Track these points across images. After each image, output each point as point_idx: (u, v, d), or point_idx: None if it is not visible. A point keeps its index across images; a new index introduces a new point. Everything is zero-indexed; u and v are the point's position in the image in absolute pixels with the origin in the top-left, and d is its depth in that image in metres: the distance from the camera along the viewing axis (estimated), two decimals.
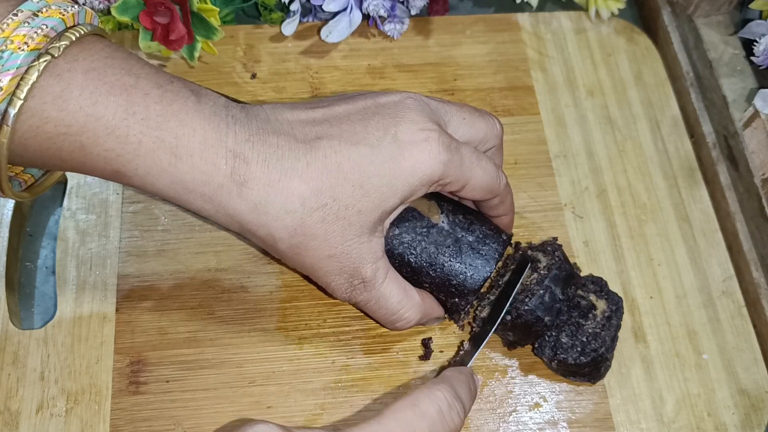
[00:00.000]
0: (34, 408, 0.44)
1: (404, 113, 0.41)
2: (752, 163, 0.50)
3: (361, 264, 0.41)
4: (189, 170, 0.37)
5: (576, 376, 0.45)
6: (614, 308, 0.46)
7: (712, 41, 0.56)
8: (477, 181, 0.42)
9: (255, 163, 0.38)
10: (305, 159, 0.38)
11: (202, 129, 0.37)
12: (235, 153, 0.37)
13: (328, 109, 0.41)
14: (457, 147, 0.41)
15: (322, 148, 0.39)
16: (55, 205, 0.52)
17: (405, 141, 0.40)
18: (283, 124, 0.39)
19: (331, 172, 0.38)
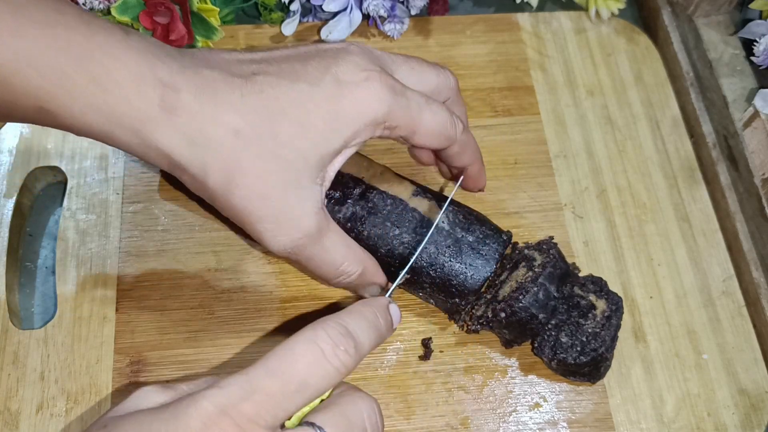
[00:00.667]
0: (34, 408, 0.44)
1: (345, 56, 0.39)
2: (752, 163, 0.50)
3: (303, 214, 0.38)
4: (116, 102, 0.35)
5: (576, 375, 0.45)
6: (614, 308, 0.46)
7: (712, 41, 0.56)
8: (427, 126, 0.40)
9: (186, 92, 0.36)
10: (240, 91, 0.36)
11: (130, 60, 0.35)
12: (165, 82, 0.35)
13: (267, 53, 0.39)
14: (403, 90, 0.39)
15: (259, 82, 0.37)
16: (55, 205, 0.53)
17: (346, 80, 0.38)
18: (219, 61, 0.38)
19: (268, 107, 0.37)
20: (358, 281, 0.43)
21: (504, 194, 0.52)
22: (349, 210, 0.45)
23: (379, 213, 0.45)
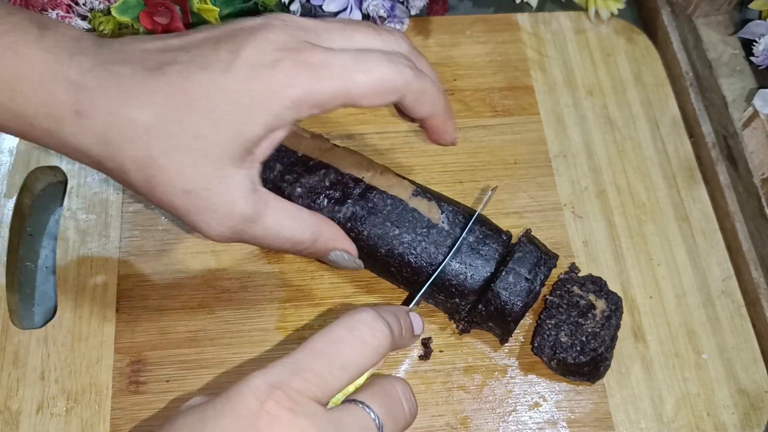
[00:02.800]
0: (35, 407, 0.44)
1: (258, 35, 0.36)
2: (751, 163, 0.50)
3: (232, 200, 0.37)
4: (28, 104, 0.35)
5: (575, 375, 0.45)
6: (613, 308, 0.46)
7: (711, 41, 0.56)
8: (361, 88, 0.37)
9: (95, 92, 0.35)
10: (148, 85, 0.35)
11: (41, 60, 0.35)
12: (75, 83, 0.35)
13: (187, 36, 0.38)
14: (324, 60, 0.36)
15: (168, 74, 0.35)
16: (56, 205, 0.53)
17: (256, 63, 0.36)
18: (135, 53, 0.36)
19: (176, 99, 0.35)
20: (317, 248, 0.41)
21: (504, 194, 0.52)
22: (349, 210, 0.45)
23: (379, 213, 0.45)
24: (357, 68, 0.37)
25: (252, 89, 0.35)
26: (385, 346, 0.36)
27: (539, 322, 0.46)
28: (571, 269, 0.49)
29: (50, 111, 0.35)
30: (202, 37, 0.37)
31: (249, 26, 0.37)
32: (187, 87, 0.35)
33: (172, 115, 0.35)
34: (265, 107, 0.36)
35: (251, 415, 0.32)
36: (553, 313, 0.46)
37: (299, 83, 0.36)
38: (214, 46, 0.36)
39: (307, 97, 0.36)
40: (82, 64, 0.35)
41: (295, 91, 0.36)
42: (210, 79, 0.35)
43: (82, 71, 0.35)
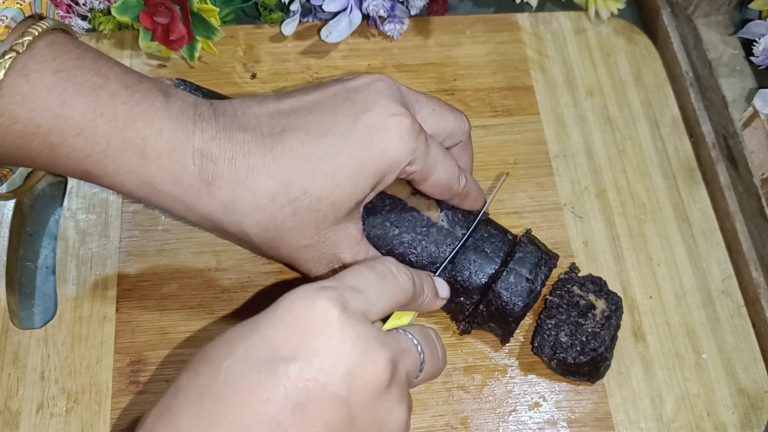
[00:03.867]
0: (35, 407, 0.44)
1: (374, 98, 0.40)
2: (751, 163, 0.50)
3: (340, 250, 0.41)
4: (157, 171, 0.37)
5: (575, 375, 0.45)
6: (613, 308, 0.46)
7: (711, 41, 0.56)
8: (438, 177, 0.42)
9: (222, 161, 0.37)
10: (272, 153, 0.38)
11: (170, 129, 0.37)
12: (202, 152, 0.37)
13: (296, 99, 0.40)
14: (425, 137, 0.40)
15: (289, 140, 0.38)
16: (56, 205, 0.53)
17: (375, 127, 0.39)
18: (250, 119, 0.39)
19: (299, 165, 0.38)
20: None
21: (504, 194, 0.52)
22: None
23: (378, 213, 0.45)
24: (443, 161, 0.42)
25: (369, 152, 0.39)
26: (409, 288, 0.37)
27: (539, 322, 0.46)
28: (571, 269, 0.49)
29: (177, 178, 0.37)
30: (314, 100, 0.40)
31: (358, 86, 0.40)
32: (308, 153, 0.38)
33: (295, 181, 0.38)
34: (376, 168, 0.39)
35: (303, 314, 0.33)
36: (553, 313, 0.46)
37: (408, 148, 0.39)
38: (331, 111, 0.39)
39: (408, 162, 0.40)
40: (205, 132, 0.37)
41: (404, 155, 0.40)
42: (331, 145, 0.38)
43: (206, 139, 0.37)
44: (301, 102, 0.40)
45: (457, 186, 0.43)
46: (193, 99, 0.39)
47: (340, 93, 0.40)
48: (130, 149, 0.36)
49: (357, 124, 0.39)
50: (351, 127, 0.39)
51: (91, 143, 0.36)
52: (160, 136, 0.36)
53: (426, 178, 0.42)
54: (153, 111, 0.37)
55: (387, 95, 0.40)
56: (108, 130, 0.36)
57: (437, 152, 0.41)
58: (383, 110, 0.39)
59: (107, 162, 0.36)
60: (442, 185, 0.43)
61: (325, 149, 0.38)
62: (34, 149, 0.36)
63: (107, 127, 0.36)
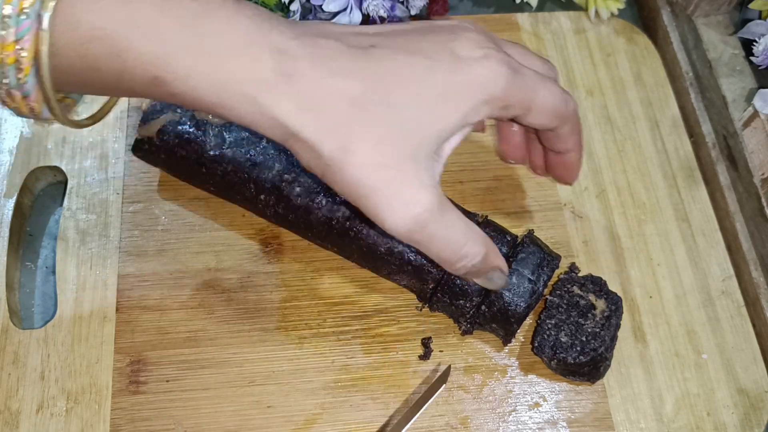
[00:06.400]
0: (34, 407, 0.44)
1: (461, 32, 0.38)
2: (751, 163, 0.50)
3: (422, 185, 0.35)
4: (231, 69, 0.34)
5: (575, 375, 0.45)
6: (614, 308, 0.46)
7: (711, 41, 0.56)
8: (542, 102, 0.39)
9: (302, 59, 0.34)
10: (357, 62, 0.35)
11: (244, 26, 0.34)
12: (281, 49, 0.34)
13: (379, 27, 0.38)
14: (519, 66, 0.38)
15: (377, 54, 0.36)
16: (56, 205, 0.53)
17: (464, 56, 0.37)
18: (332, 32, 0.37)
19: (385, 77, 0.35)
20: (482, 265, 0.39)
21: (504, 194, 0.52)
22: (349, 209, 0.45)
23: None
24: (542, 83, 0.39)
25: (457, 78, 0.36)
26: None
27: (539, 323, 0.46)
28: (571, 269, 0.49)
29: (255, 76, 0.34)
30: (399, 28, 0.38)
31: (446, 24, 0.39)
32: (396, 67, 0.36)
33: (378, 91, 0.35)
34: (466, 97, 0.36)
35: None
36: (553, 313, 0.46)
37: (501, 79, 0.37)
38: (419, 36, 0.37)
39: (504, 94, 0.37)
40: (283, 33, 0.35)
41: (497, 86, 0.37)
42: (417, 64, 0.36)
43: (286, 39, 0.34)
44: (385, 28, 0.38)
45: (565, 107, 0.40)
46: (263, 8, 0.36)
47: (425, 26, 0.38)
48: (200, 47, 0.33)
49: (444, 51, 0.36)
50: (439, 53, 0.36)
51: (159, 43, 0.33)
52: (234, 32, 0.34)
53: (529, 106, 0.38)
54: (224, 8, 0.34)
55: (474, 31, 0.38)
56: (176, 28, 0.33)
57: (534, 77, 0.39)
58: (471, 42, 0.37)
59: (177, 64, 0.33)
60: (550, 110, 0.39)
61: (412, 68, 0.36)
62: (101, 58, 0.33)
63: (175, 24, 0.33)
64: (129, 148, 0.52)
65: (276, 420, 0.44)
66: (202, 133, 0.47)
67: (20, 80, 0.32)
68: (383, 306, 0.48)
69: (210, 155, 0.47)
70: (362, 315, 0.48)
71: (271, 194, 0.46)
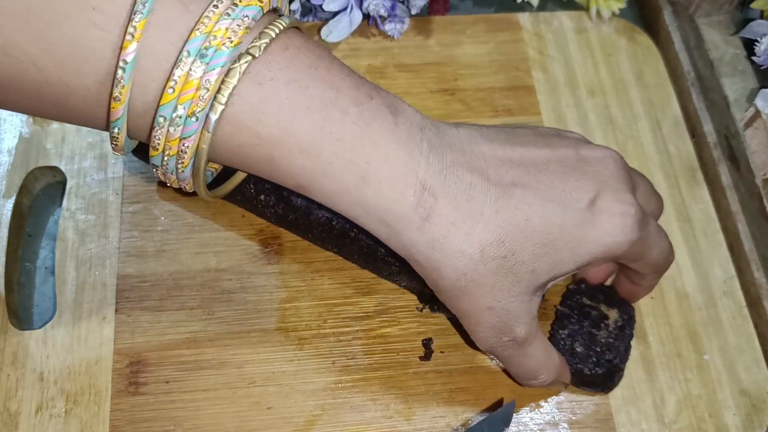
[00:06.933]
0: (33, 408, 0.44)
1: (606, 179, 0.38)
2: (753, 163, 0.50)
3: (517, 323, 0.38)
4: (374, 195, 0.35)
5: (590, 386, 0.45)
6: (626, 317, 0.45)
7: (713, 41, 0.56)
8: (651, 259, 0.41)
9: (443, 199, 0.35)
10: (495, 205, 0.36)
11: (395, 155, 0.35)
12: (425, 185, 0.35)
13: (526, 150, 0.38)
14: (647, 223, 0.39)
15: (515, 197, 0.36)
16: (55, 206, 0.52)
17: (601, 209, 0.37)
18: (479, 159, 0.37)
19: (517, 226, 0.36)
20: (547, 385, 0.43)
21: None
22: None
23: None
24: (659, 240, 0.41)
25: (587, 233, 0.37)
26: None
27: (552, 333, 0.45)
28: (580, 280, 0.48)
29: (394, 206, 0.35)
30: (544, 157, 0.38)
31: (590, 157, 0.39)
32: (531, 216, 0.36)
33: (508, 240, 0.36)
34: (590, 251, 0.38)
35: None
36: (565, 324, 0.45)
37: (627, 240, 0.38)
38: (562, 178, 0.38)
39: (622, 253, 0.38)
40: (431, 165, 0.36)
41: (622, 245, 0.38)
42: (553, 215, 0.37)
43: (431, 173, 0.35)
44: (531, 155, 0.38)
45: (665, 264, 0.42)
46: (419, 119, 0.36)
47: (571, 159, 0.39)
48: (351, 171, 0.34)
49: (583, 200, 0.37)
50: (577, 202, 0.37)
51: (314, 161, 0.34)
52: (385, 161, 0.35)
53: (637, 260, 0.40)
54: (381, 134, 0.35)
55: (617, 176, 0.39)
56: (333, 150, 0.34)
57: (655, 234, 0.40)
58: (613, 194, 0.38)
59: (325, 181, 0.35)
60: (652, 265, 0.42)
61: (546, 217, 0.37)
62: (254, 159, 0.34)
63: (333, 146, 0.34)
64: None
65: (276, 421, 0.44)
66: None
67: (179, 169, 0.34)
68: (384, 307, 0.48)
69: None
70: (363, 316, 0.47)
71: (271, 194, 0.46)
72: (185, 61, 0.31)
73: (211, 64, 0.31)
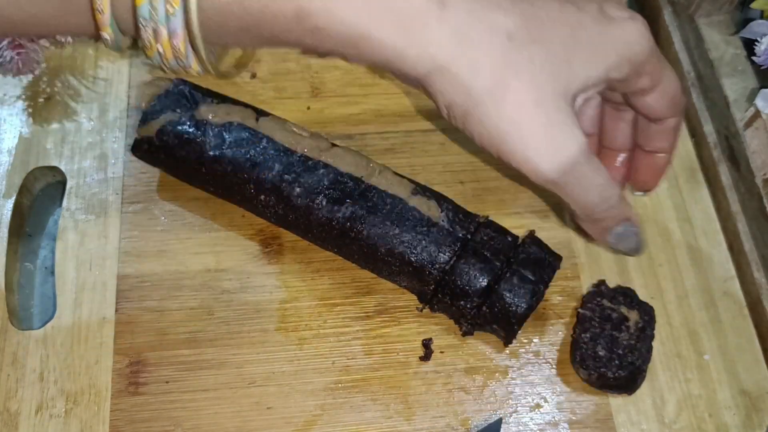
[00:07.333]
0: (34, 408, 0.44)
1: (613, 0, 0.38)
2: (753, 163, 0.50)
3: (573, 127, 0.35)
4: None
5: (613, 389, 0.45)
6: (647, 318, 0.46)
7: (713, 41, 0.56)
8: (668, 82, 0.39)
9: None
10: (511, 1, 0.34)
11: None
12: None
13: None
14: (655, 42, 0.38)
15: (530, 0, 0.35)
16: (55, 206, 0.52)
17: (611, 15, 0.37)
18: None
19: (538, 18, 0.35)
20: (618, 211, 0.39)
21: (504, 194, 0.52)
22: (349, 209, 0.45)
23: (379, 212, 0.45)
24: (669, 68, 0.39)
25: (607, 31, 0.36)
26: None
27: (575, 337, 0.45)
28: (599, 283, 0.48)
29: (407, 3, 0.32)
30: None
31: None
32: (549, 10, 0.35)
33: (534, 29, 0.34)
34: (615, 50, 0.36)
35: None
36: (587, 327, 0.45)
37: (647, 43, 0.37)
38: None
39: (645, 59, 0.37)
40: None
41: (643, 49, 0.37)
42: (571, 13, 0.36)
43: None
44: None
45: (681, 98, 0.40)
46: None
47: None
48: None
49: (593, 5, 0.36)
50: (589, 5, 0.36)
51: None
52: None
53: (658, 82, 0.39)
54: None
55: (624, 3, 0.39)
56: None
57: (664, 59, 0.39)
58: (618, 5, 0.37)
59: None
60: (671, 95, 0.39)
61: (565, 14, 0.35)
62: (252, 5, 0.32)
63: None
64: (128, 148, 0.52)
65: (276, 421, 0.44)
66: (202, 133, 0.47)
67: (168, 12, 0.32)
68: (384, 307, 0.48)
69: (210, 155, 0.46)
70: (363, 316, 0.47)
71: (271, 194, 0.46)
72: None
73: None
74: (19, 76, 0.55)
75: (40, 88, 0.55)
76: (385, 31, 0.33)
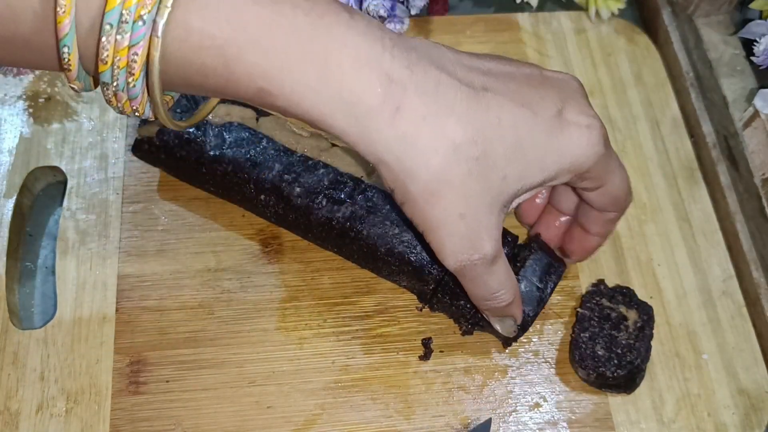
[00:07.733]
0: (34, 408, 0.44)
1: (571, 93, 0.38)
2: (752, 163, 0.50)
3: (487, 237, 0.37)
4: (338, 87, 0.33)
5: (612, 388, 0.45)
6: (646, 317, 0.46)
7: (712, 41, 0.56)
8: (613, 186, 0.41)
9: (413, 92, 0.34)
10: (466, 104, 0.35)
11: (355, 45, 0.33)
12: (391, 77, 0.34)
13: (492, 63, 0.38)
14: (609, 145, 0.39)
15: (487, 98, 0.35)
16: (55, 205, 0.52)
17: (568, 120, 0.37)
18: (447, 62, 0.36)
19: (490, 125, 0.35)
20: (504, 310, 0.42)
21: None
22: (348, 209, 0.45)
23: (379, 212, 0.45)
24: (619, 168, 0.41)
25: (556, 141, 0.37)
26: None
27: (574, 336, 0.46)
28: (598, 282, 0.48)
29: (360, 99, 0.33)
30: (509, 71, 0.38)
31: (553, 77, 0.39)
32: (503, 117, 0.36)
33: (480, 140, 0.35)
34: (558, 161, 0.37)
35: None
36: (586, 326, 0.45)
37: (594, 154, 0.38)
38: (529, 87, 0.37)
39: (588, 169, 0.38)
40: (396, 58, 0.34)
41: (589, 160, 0.38)
42: (525, 118, 0.36)
43: (396, 66, 0.34)
44: (498, 67, 0.38)
45: (626, 200, 0.42)
46: (378, 22, 0.35)
47: (535, 75, 0.38)
48: (309, 63, 0.33)
49: (552, 109, 0.37)
50: (546, 110, 0.37)
51: (268, 56, 0.32)
52: (345, 50, 0.33)
53: (600, 186, 0.40)
54: (337, 25, 0.33)
55: (583, 95, 0.39)
56: (286, 42, 0.32)
57: (617, 160, 0.40)
58: (579, 107, 0.38)
59: (284, 78, 0.33)
60: (614, 196, 0.41)
61: (518, 121, 0.36)
62: (208, 65, 0.32)
63: (287, 39, 0.32)
64: (129, 148, 0.52)
65: (276, 420, 0.44)
66: (202, 133, 0.47)
67: (129, 84, 0.32)
68: (383, 306, 0.48)
69: (210, 155, 0.47)
70: (362, 315, 0.47)
71: (271, 194, 0.46)
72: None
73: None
74: (20, 76, 0.55)
75: (41, 88, 0.55)
76: (337, 121, 0.34)
